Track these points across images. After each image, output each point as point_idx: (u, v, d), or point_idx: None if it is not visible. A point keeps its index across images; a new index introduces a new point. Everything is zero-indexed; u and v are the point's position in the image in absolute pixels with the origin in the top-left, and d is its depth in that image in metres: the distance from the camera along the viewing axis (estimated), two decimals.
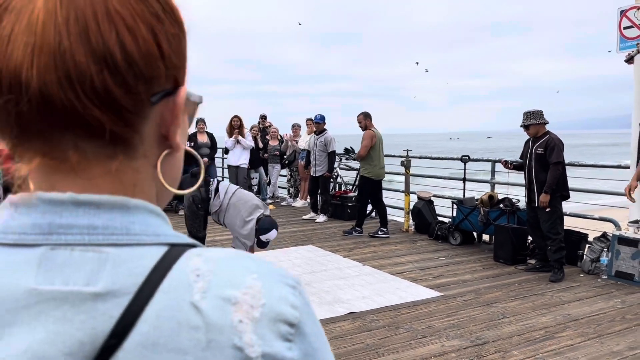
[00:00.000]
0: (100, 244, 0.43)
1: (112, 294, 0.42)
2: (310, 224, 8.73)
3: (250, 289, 0.44)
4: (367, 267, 6.00)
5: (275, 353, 0.43)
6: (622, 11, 5.64)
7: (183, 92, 0.49)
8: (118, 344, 0.40)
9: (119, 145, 0.45)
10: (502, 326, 4.19)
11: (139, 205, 0.46)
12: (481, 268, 5.98)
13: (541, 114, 5.70)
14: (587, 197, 7.29)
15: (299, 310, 0.46)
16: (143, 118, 0.46)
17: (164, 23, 0.46)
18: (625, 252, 5.34)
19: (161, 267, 0.43)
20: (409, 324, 4.24)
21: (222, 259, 0.46)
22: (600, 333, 4.04)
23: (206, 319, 0.42)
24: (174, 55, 0.47)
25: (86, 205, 0.44)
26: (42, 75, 0.41)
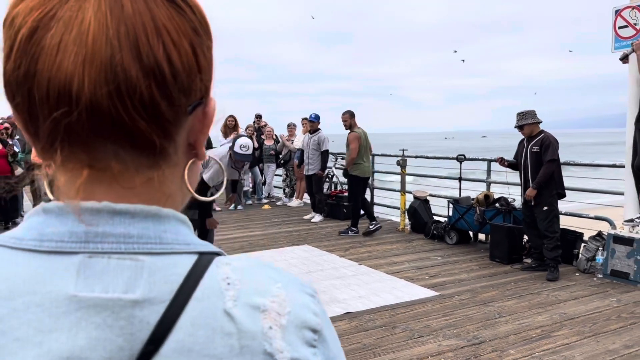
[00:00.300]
0: (136, 252, 0.44)
1: (149, 301, 0.43)
2: (306, 224, 8.73)
3: (276, 297, 0.46)
4: (364, 266, 6.00)
5: (303, 358, 0.45)
6: (616, 11, 5.66)
7: (213, 103, 0.50)
8: (155, 350, 0.42)
9: (158, 155, 0.46)
10: (498, 325, 4.19)
11: (170, 215, 0.47)
12: (477, 267, 5.99)
13: (534, 113, 5.72)
14: (582, 196, 7.31)
15: (320, 318, 0.48)
16: (179, 128, 0.47)
17: (201, 37, 0.47)
18: (620, 251, 5.36)
19: (194, 275, 0.45)
20: (406, 323, 4.24)
21: (248, 268, 0.48)
22: (596, 332, 4.05)
23: (239, 325, 0.44)
24: (207, 67, 0.48)
25: (121, 214, 0.45)
26: (94, 87, 0.41)
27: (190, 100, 0.46)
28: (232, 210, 9.95)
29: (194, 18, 0.46)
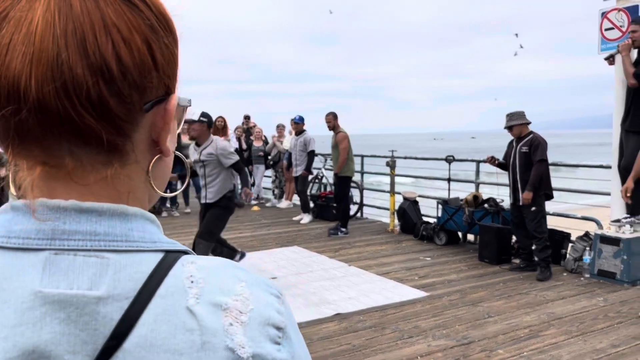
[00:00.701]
0: (101, 250, 0.45)
1: (113, 297, 0.44)
2: (296, 225, 8.72)
3: (239, 296, 0.47)
4: (353, 267, 6.00)
5: (266, 354, 0.46)
6: (603, 13, 5.72)
7: (174, 100, 0.51)
8: (118, 345, 0.43)
9: (112, 153, 0.47)
10: (487, 325, 4.21)
11: (137, 213, 0.49)
12: (466, 268, 6.01)
13: (523, 114, 5.77)
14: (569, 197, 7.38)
15: (284, 317, 0.49)
16: (135, 126, 0.47)
17: (158, 34, 0.47)
18: (607, 250, 5.41)
19: (158, 273, 0.46)
20: (395, 324, 4.25)
21: (213, 267, 0.49)
22: (583, 331, 4.09)
23: (200, 322, 0.45)
24: (166, 64, 0.48)
25: (88, 212, 0.46)
26: (40, 86, 0.42)
27: (145, 97, 0.47)
28: None
29: (150, 14, 0.47)
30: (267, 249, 6.96)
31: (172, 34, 0.49)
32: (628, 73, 5.11)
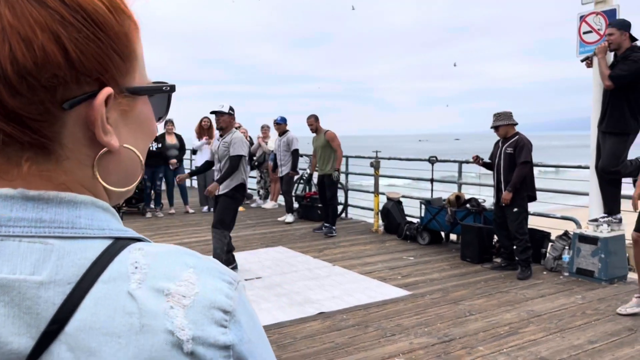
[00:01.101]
0: (46, 236, 0.46)
1: (55, 282, 0.45)
2: (280, 226, 8.74)
3: (184, 282, 0.47)
4: (337, 267, 6.05)
5: (208, 336, 0.46)
6: (581, 16, 5.83)
7: (102, 94, 0.48)
8: (59, 329, 0.44)
9: (36, 150, 0.47)
10: (468, 323, 4.28)
11: (86, 201, 0.49)
12: (448, 267, 6.09)
13: (510, 115, 5.86)
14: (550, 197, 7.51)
15: (234, 301, 0.49)
16: (56, 123, 0.47)
17: (73, 27, 0.46)
18: (585, 249, 5.52)
19: (103, 260, 0.47)
20: (378, 322, 4.30)
21: (161, 254, 0.49)
22: (561, 328, 4.18)
23: (140, 305, 0.45)
24: (86, 58, 0.47)
25: (35, 200, 0.47)
26: None
27: (59, 95, 0.46)
28: (205, 212, 9.90)
29: (62, 8, 0.46)
30: (252, 249, 6.97)
31: (95, 26, 0.48)
32: (604, 75, 5.23)
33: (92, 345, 0.44)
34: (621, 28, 5.15)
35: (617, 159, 5.23)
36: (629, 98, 5.13)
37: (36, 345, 0.44)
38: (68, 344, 0.44)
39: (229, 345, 0.47)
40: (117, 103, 0.51)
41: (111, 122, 0.50)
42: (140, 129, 0.55)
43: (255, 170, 10.91)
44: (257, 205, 10.84)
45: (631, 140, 5.22)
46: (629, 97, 5.13)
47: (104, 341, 0.44)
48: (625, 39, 5.13)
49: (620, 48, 5.18)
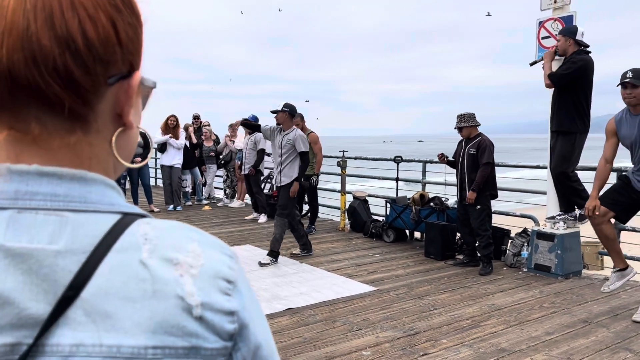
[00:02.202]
0: (61, 209, 0.49)
1: (71, 252, 0.48)
2: (248, 224, 8.74)
3: (191, 253, 0.52)
4: (305, 264, 6.11)
5: (215, 303, 0.50)
6: (540, 22, 6.07)
7: (137, 76, 0.54)
8: (76, 294, 0.47)
9: (76, 121, 0.51)
10: (432, 317, 4.41)
11: (96, 178, 0.52)
12: (413, 264, 6.24)
13: (473, 116, 6.05)
14: (509, 196, 7.76)
15: (235, 272, 0.54)
16: (99, 97, 0.51)
17: (122, 13, 0.51)
18: (543, 246, 5.75)
19: (115, 231, 0.50)
20: (345, 317, 4.38)
21: (168, 227, 0.53)
22: (520, 320, 4.35)
23: (153, 273, 0.49)
24: (130, 42, 0.52)
25: (49, 175, 0.50)
26: (11, 55, 0.47)
27: (109, 71, 0.51)
28: (171, 211, 9.80)
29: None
30: None
31: (135, 15, 0.53)
32: (545, 74, 5.49)
33: (108, 309, 0.47)
34: (566, 34, 5.41)
35: (567, 161, 5.45)
36: (574, 99, 5.35)
37: (53, 311, 0.46)
38: (84, 309, 0.47)
39: (234, 311, 0.52)
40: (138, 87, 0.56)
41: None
42: (138, 114, 0.60)
43: (222, 170, 10.86)
44: (224, 204, 10.79)
45: (580, 142, 5.43)
46: (574, 98, 5.35)
47: (119, 305, 0.47)
48: (570, 45, 5.38)
49: (566, 53, 5.43)
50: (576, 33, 5.37)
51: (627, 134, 4.37)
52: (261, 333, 0.55)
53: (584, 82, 5.29)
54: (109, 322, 0.47)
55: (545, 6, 5.99)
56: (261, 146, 8.80)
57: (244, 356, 0.53)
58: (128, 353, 0.47)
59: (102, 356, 0.46)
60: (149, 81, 0.59)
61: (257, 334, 0.55)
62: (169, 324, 0.48)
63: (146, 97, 0.61)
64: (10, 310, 0.46)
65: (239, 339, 0.52)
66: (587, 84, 5.31)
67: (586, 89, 5.34)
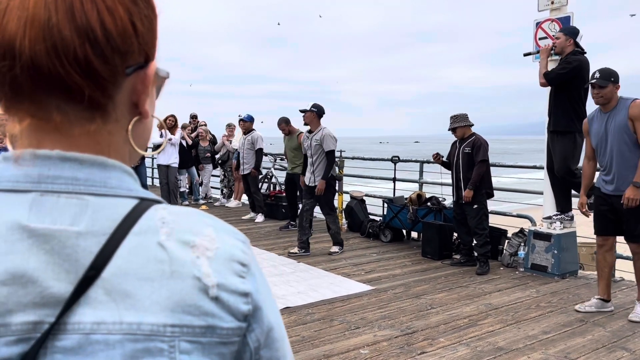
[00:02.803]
0: (82, 193, 0.51)
1: (92, 233, 0.50)
2: (245, 224, 8.74)
3: (206, 237, 0.53)
4: (302, 264, 6.12)
5: (230, 284, 0.52)
6: (537, 23, 6.09)
7: (153, 66, 0.56)
8: (97, 274, 0.48)
9: (95, 109, 0.53)
10: (429, 316, 4.43)
11: (115, 165, 0.54)
12: (410, 263, 6.25)
13: (466, 117, 6.07)
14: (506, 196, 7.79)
15: (248, 256, 0.56)
16: (117, 87, 0.53)
17: (139, 6, 0.53)
18: (540, 246, 5.77)
19: (133, 215, 0.52)
20: (343, 316, 4.39)
21: (183, 212, 0.55)
22: (517, 319, 4.37)
23: (170, 254, 0.51)
24: (145, 33, 0.54)
25: (71, 160, 0.52)
26: (33, 45, 0.48)
27: (126, 61, 0.52)
28: None
29: None
30: None
31: (151, 8, 0.55)
32: (540, 73, 5.51)
33: (128, 289, 0.49)
34: (567, 34, 5.42)
35: (569, 160, 5.47)
36: (570, 99, 5.38)
37: (75, 290, 0.48)
38: (105, 288, 0.48)
39: (248, 293, 0.54)
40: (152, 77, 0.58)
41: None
42: (153, 103, 0.61)
43: (219, 169, 10.86)
44: (220, 204, 10.79)
45: (580, 142, 5.46)
46: (570, 98, 5.37)
47: (138, 285, 0.49)
48: (569, 45, 5.39)
49: (562, 53, 5.44)
50: (577, 35, 5.40)
51: (594, 132, 4.48)
52: (273, 316, 0.57)
53: (579, 82, 5.31)
54: (128, 301, 0.49)
55: (543, 7, 6.02)
56: (259, 145, 8.80)
57: (258, 337, 0.55)
58: (148, 330, 0.48)
59: (123, 333, 0.48)
60: (162, 71, 0.60)
61: (269, 316, 0.56)
62: (187, 303, 0.50)
63: (160, 87, 0.63)
64: (34, 289, 0.47)
65: (252, 320, 0.54)
66: (581, 85, 5.34)
67: (580, 90, 5.36)
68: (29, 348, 0.47)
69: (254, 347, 0.55)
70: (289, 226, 8.13)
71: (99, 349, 0.47)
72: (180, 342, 0.49)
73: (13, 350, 0.46)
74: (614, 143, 4.29)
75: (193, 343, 0.50)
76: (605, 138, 4.36)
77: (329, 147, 6.34)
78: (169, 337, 0.49)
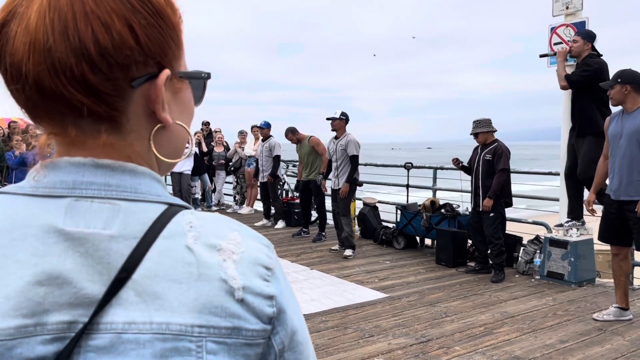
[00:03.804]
0: (114, 198, 0.53)
1: (124, 237, 0.52)
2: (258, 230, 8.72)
3: (232, 241, 0.55)
4: (315, 271, 6.09)
5: (255, 287, 0.54)
6: (552, 28, 6.05)
7: (164, 75, 0.55)
8: (128, 276, 0.50)
9: (106, 123, 0.54)
10: (444, 324, 4.38)
11: (145, 172, 0.56)
12: (424, 270, 6.20)
13: (489, 122, 6.00)
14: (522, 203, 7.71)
15: (273, 261, 0.57)
16: (125, 99, 0.54)
17: (140, 15, 0.53)
18: (556, 253, 5.69)
19: (162, 219, 0.54)
20: (357, 324, 4.36)
21: (210, 218, 0.57)
22: (534, 328, 4.30)
23: (198, 257, 0.53)
24: (151, 42, 0.53)
25: (103, 167, 0.54)
26: (36, 67, 0.51)
27: (130, 73, 0.53)
28: None
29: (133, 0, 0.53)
30: None
31: (158, 14, 0.54)
32: (560, 75, 5.45)
33: (158, 290, 0.51)
34: (585, 38, 5.37)
35: (595, 163, 5.40)
36: (594, 101, 5.33)
37: (107, 291, 0.50)
38: (135, 290, 0.50)
39: (272, 296, 0.55)
40: (171, 84, 0.58)
41: (165, 101, 0.57)
42: (185, 109, 0.61)
43: (232, 176, 10.89)
44: (233, 210, 10.81)
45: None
46: (594, 100, 5.33)
47: (167, 286, 0.51)
48: (587, 49, 5.34)
49: (579, 56, 5.40)
50: (594, 38, 5.35)
51: (611, 132, 4.47)
52: (297, 319, 0.58)
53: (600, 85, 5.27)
54: (158, 302, 0.50)
55: (557, 12, 5.98)
56: (276, 152, 8.81)
57: (282, 340, 0.56)
58: (176, 330, 0.50)
59: (153, 333, 0.50)
60: (196, 74, 0.61)
61: (293, 320, 0.58)
62: (213, 304, 0.51)
63: (198, 90, 0.63)
64: (69, 289, 0.49)
65: (277, 323, 0.55)
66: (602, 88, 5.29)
67: (602, 92, 5.31)
68: (64, 347, 0.48)
69: (279, 349, 0.56)
70: (302, 233, 8.11)
71: (130, 348, 0.49)
72: (207, 343, 0.51)
73: (49, 349, 0.48)
74: (625, 146, 4.25)
75: (219, 344, 0.51)
76: (618, 139, 4.33)
77: (352, 152, 6.67)
78: (196, 337, 0.50)
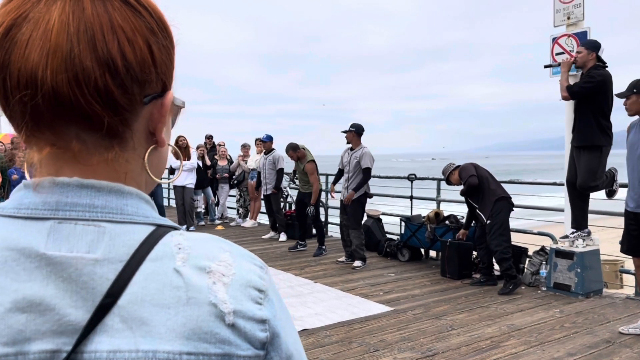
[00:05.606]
0: (99, 220, 0.52)
1: (109, 260, 0.50)
2: (261, 244, 8.71)
3: (223, 262, 0.53)
4: (319, 284, 6.05)
5: (247, 311, 0.52)
6: (554, 38, 6.05)
7: (170, 95, 0.57)
8: (113, 302, 0.48)
9: (114, 138, 0.53)
10: (450, 337, 4.32)
11: (132, 192, 0.54)
12: (429, 283, 6.14)
13: (451, 164, 6.48)
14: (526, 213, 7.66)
15: (266, 282, 0.55)
16: (135, 115, 0.54)
17: (158, 36, 0.54)
18: (562, 264, 5.63)
19: (150, 241, 0.52)
20: (362, 338, 4.30)
21: (199, 238, 0.55)
22: (541, 341, 4.24)
23: (186, 280, 0.50)
24: (163, 63, 0.55)
25: (88, 188, 0.52)
26: (55, 75, 0.49)
27: (145, 90, 0.53)
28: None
29: (151, 19, 0.54)
30: None
31: (169, 38, 0.56)
32: (562, 86, 5.44)
33: (144, 316, 0.49)
34: (589, 48, 5.35)
35: (594, 174, 5.36)
36: (595, 113, 5.31)
37: (92, 318, 0.48)
38: (121, 316, 0.48)
39: (265, 320, 0.53)
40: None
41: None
42: (168, 131, 0.61)
43: (235, 189, 10.87)
44: (236, 224, 10.78)
45: (605, 155, 5.37)
46: (595, 112, 5.31)
47: (154, 312, 0.49)
48: (591, 59, 5.33)
49: (584, 66, 5.38)
50: (599, 49, 5.34)
51: (629, 141, 4.47)
52: (292, 343, 0.56)
53: (603, 97, 5.24)
54: (144, 328, 0.48)
55: (559, 22, 5.98)
56: (280, 165, 8.80)
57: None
58: (163, 358, 0.48)
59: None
60: (178, 100, 0.61)
61: (288, 344, 0.55)
62: (203, 330, 0.49)
63: (175, 115, 0.63)
64: (52, 316, 0.47)
65: (270, 347, 0.53)
66: (605, 99, 5.26)
67: (604, 104, 5.29)
68: None
69: None
70: (298, 246, 8.05)
71: None
72: None
73: None
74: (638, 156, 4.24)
75: None
76: (635, 149, 4.31)
77: (366, 164, 6.75)
78: None
